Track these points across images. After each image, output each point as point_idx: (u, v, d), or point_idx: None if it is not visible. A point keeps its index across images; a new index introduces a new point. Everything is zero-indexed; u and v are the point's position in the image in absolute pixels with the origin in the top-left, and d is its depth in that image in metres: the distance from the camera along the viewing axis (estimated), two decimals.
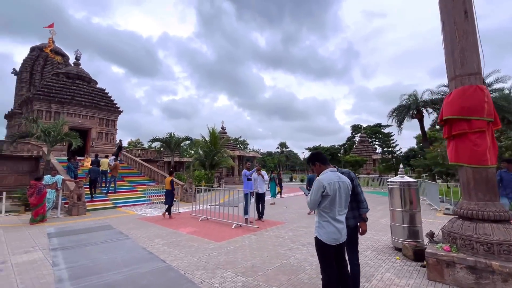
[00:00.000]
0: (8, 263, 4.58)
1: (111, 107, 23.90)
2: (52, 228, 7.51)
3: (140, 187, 14.99)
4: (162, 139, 17.52)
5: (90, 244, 5.71)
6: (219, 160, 21.79)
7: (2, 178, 16.24)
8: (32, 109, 20.14)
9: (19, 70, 35.60)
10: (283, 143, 71.72)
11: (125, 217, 9.39)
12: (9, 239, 6.35)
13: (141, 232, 6.83)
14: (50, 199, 9.19)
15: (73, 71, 23.52)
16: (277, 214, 9.59)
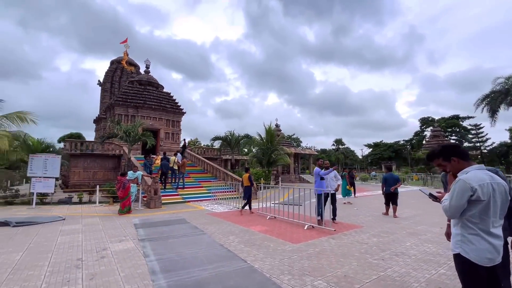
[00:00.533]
0: (108, 250, 5.04)
1: (176, 109, 25.92)
2: (136, 219, 8.26)
3: (205, 183, 15.75)
4: (222, 138, 18.19)
5: (171, 237, 5.98)
6: (276, 157, 21.59)
7: (94, 173, 19.06)
8: (114, 114, 23.16)
9: (102, 81, 41.71)
10: (339, 140, 67.99)
11: (195, 212, 9.83)
12: (105, 227, 7.15)
13: (214, 228, 6.94)
14: (133, 193, 10.21)
15: (144, 79, 26.25)
16: (349, 215, 8.78)
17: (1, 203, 11.85)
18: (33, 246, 5.34)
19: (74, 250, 5.09)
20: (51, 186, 11.67)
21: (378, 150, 67.24)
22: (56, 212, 9.83)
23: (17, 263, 4.38)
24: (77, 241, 5.75)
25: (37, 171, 11.74)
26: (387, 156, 64.65)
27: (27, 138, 13.84)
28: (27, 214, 9.35)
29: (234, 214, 9.24)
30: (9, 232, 6.59)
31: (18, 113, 14.58)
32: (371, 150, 70.90)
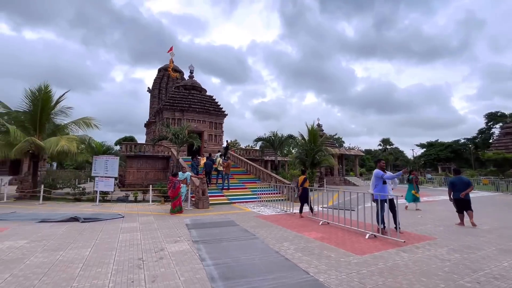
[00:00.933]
0: (165, 251, 5.07)
1: (218, 111, 26.61)
2: (187, 219, 8.40)
3: (248, 185, 15.69)
4: (265, 138, 18.01)
5: (224, 240, 5.85)
6: (320, 158, 20.64)
7: (146, 173, 20.44)
8: (163, 118, 24.65)
9: (151, 88, 45.08)
10: (387, 140, 63.18)
11: (242, 213, 9.70)
12: (160, 226, 7.37)
13: (266, 232, 6.64)
14: (183, 193, 10.51)
15: (189, 83, 27.50)
16: (414, 224, 7.74)
17: (71, 199, 13.28)
18: (99, 243, 5.66)
19: (135, 249, 5.23)
20: (111, 185, 12.70)
21: (433, 151, 60.73)
22: (116, 209, 10.59)
23: (86, 258, 4.62)
24: (136, 239, 5.96)
25: (99, 171, 12.88)
26: (444, 156, 58.04)
27: (91, 141, 15.40)
28: (92, 210, 10.23)
29: (283, 217, 8.86)
30: (78, 228, 7.17)
31: (83, 119, 16.30)
32: (425, 150, 64.33)
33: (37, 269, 4.13)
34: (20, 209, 10.39)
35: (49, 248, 5.24)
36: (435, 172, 46.78)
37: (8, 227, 7.15)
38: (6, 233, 6.50)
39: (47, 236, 6.25)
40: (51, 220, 8.03)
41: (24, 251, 5.04)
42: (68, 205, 11.88)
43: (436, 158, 58.38)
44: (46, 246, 5.41)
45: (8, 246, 5.40)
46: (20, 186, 13.95)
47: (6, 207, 10.95)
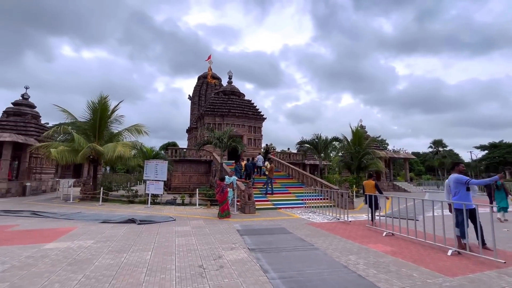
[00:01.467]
0: (223, 259, 4.85)
1: (257, 115, 26.61)
2: (237, 224, 8.21)
3: (292, 189, 15.15)
4: (309, 141, 17.37)
5: (282, 249, 5.45)
6: (367, 162, 19.23)
7: (190, 177, 21.12)
8: (204, 123, 25.41)
9: (191, 96, 47.23)
10: (439, 141, 57.22)
11: (292, 220, 9.22)
12: (211, 231, 7.27)
13: (324, 242, 6.09)
14: (229, 197, 10.42)
15: (228, 89, 28.04)
16: (503, 239, 6.48)
17: (126, 201, 14.14)
18: (157, 246, 5.68)
19: (193, 254, 5.11)
20: (160, 188, 13.24)
21: (497, 153, 53.26)
22: (166, 212, 10.91)
23: (149, 263, 4.60)
24: (192, 244, 5.87)
25: (150, 174, 13.53)
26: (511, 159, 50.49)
27: (142, 147, 16.39)
28: (145, 213, 10.67)
29: (338, 226, 8.18)
30: (136, 230, 7.41)
31: (135, 126, 17.42)
32: (487, 152, 56.73)
33: (106, 271, 4.19)
34: (84, 210, 11.29)
35: (114, 250, 5.39)
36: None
37: (76, 227, 7.70)
38: (75, 232, 6.96)
39: (110, 237, 6.52)
40: (112, 221, 8.49)
41: (92, 252, 5.24)
42: (123, 206, 12.63)
43: (502, 161, 51.06)
44: (111, 247, 5.59)
45: (78, 245, 5.70)
46: (83, 188, 15.35)
47: (72, 207, 12.03)
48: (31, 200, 15.22)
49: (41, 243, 5.84)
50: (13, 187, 17.39)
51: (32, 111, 22.16)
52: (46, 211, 10.57)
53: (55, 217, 9.33)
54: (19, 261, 4.64)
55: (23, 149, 19.22)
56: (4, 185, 16.79)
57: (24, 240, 6.15)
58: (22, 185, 18.20)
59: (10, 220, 8.75)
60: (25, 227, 7.70)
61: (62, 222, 8.51)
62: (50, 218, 9.12)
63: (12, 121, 20.57)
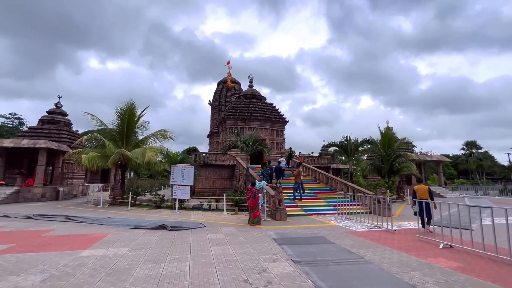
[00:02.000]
0: (268, 273, 4.40)
1: (279, 119, 26.14)
2: (271, 232, 7.73)
3: (321, 195, 14.44)
4: (337, 144, 16.61)
5: (330, 262, 4.91)
6: (400, 166, 18.05)
7: (213, 182, 20.98)
8: (226, 127, 25.33)
9: (212, 101, 47.77)
10: (472, 142, 53.47)
11: (329, 228, 8.60)
12: (246, 240, 6.85)
13: (375, 255, 5.46)
14: (260, 203, 9.99)
15: (249, 92, 27.86)
16: None
17: (153, 206, 14.15)
18: (194, 256, 5.35)
19: (233, 266, 4.70)
20: (187, 193, 13.08)
21: None
22: (195, 217, 10.68)
23: (190, 275, 4.24)
24: (229, 254, 5.48)
25: (177, 179, 13.45)
26: None
27: (169, 152, 16.47)
28: (174, 218, 10.49)
29: (382, 235, 7.46)
30: (169, 236, 7.16)
31: (161, 131, 17.57)
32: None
33: (146, 284, 3.89)
34: (114, 214, 11.35)
35: (150, 259, 5.11)
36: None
37: (109, 232, 7.60)
38: (109, 239, 6.83)
39: (144, 244, 6.30)
40: (143, 227, 8.34)
41: (129, 261, 4.99)
42: (151, 211, 12.60)
43: None
44: (147, 256, 5.33)
45: (114, 253, 5.50)
46: (111, 193, 15.62)
47: (103, 212, 12.17)
48: (64, 205, 15.71)
49: (77, 250, 5.72)
50: (47, 192, 18.12)
51: (64, 119, 23.23)
52: (79, 215, 10.72)
53: (87, 222, 9.38)
54: (58, 270, 4.48)
55: (56, 155, 20.07)
56: (40, 190, 17.53)
57: (60, 246, 6.08)
58: (56, 189, 18.94)
59: (46, 225, 8.88)
60: (60, 232, 7.73)
61: (95, 227, 8.50)
62: (83, 223, 9.17)
63: (47, 128, 21.64)
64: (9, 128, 49.49)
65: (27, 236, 7.19)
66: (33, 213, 11.36)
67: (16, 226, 8.56)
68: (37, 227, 8.43)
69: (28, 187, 17.48)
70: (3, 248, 5.90)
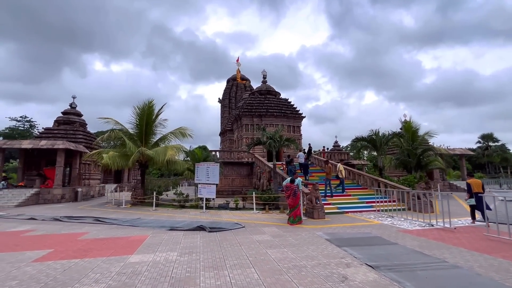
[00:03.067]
0: (352, 280, 3.84)
1: (295, 114, 25.50)
2: (320, 232, 7.19)
3: (350, 191, 13.81)
4: (366, 138, 15.94)
5: (413, 267, 4.32)
6: (428, 160, 17.28)
7: (232, 180, 20.52)
8: (241, 124, 24.82)
9: (221, 99, 47.26)
10: (489, 135, 51.92)
11: (376, 226, 8.00)
12: (298, 241, 6.31)
13: (456, 258, 4.85)
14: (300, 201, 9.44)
15: (263, 88, 27.27)
16: None
17: (177, 206, 13.74)
18: (255, 261, 4.83)
19: (307, 273, 4.16)
20: (213, 192, 12.61)
21: None
22: (226, 217, 10.20)
23: (265, 286, 3.72)
24: (292, 258, 4.95)
25: (201, 178, 13.00)
26: None
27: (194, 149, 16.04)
28: (205, 218, 10.03)
29: (443, 234, 6.83)
30: (212, 238, 6.67)
31: (180, 129, 17.13)
32: None
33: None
34: (141, 215, 10.94)
35: (208, 265, 4.61)
36: None
37: (147, 235, 7.16)
38: (150, 242, 6.37)
39: (191, 248, 5.81)
40: (179, 228, 7.88)
41: (186, 267, 4.50)
42: (178, 211, 12.17)
43: None
44: (202, 261, 4.84)
45: (164, 259, 5.02)
46: (133, 193, 15.28)
47: (129, 213, 11.78)
48: (85, 205, 15.44)
49: (123, 255, 5.27)
50: (67, 193, 17.91)
51: (79, 119, 23.04)
52: (106, 217, 10.34)
53: (118, 223, 8.98)
54: (113, 279, 4.01)
55: (73, 156, 19.84)
56: (59, 191, 17.31)
57: (103, 251, 5.64)
58: (75, 190, 18.73)
59: (76, 227, 8.50)
60: (95, 235, 7.31)
61: (129, 229, 8.07)
62: (114, 225, 8.77)
63: (63, 129, 21.47)
64: (21, 131, 49.97)
65: (63, 240, 6.79)
66: (58, 214, 11.04)
67: (46, 229, 8.19)
68: (68, 230, 8.05)
69: (48, 189, 17.28)
70: (43, 253, 5.48)
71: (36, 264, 4.81)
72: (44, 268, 4.55)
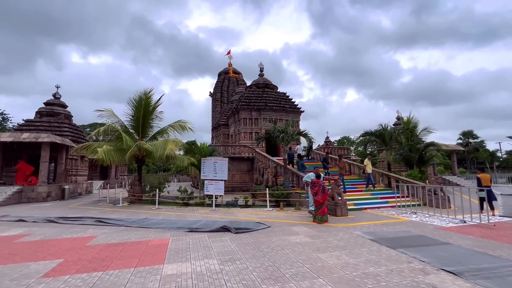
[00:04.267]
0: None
1: (294, 109, 24.99)
2: (358, 232, 6.67)
3: (361, 187, 13.51)
4: (374, 133, 15.67)
5: (503, 274, 3.88)
6: (430, 155, 17.38)
7: (232, 176, 19.71)
8: (239, 118, 23.97)
9: (213, 92, 45.89)
10: (469, 132, 54.12)
11: (407, 223, 7.62)
12: (343, 243, 5.74)
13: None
14: None
15: (261, 82, 26.48)
16: None
17: (180, 204, 12.82)
18: (314, 268, 4.19)
19: (388, 284, 3.59)
20: (221, 188, 11.84)
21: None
22: (242, 216, 9.49)
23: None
24: (354, 264, 4.36)
25: (208, 174, 12.17)
26: None
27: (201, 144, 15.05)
28: (219, 217, 9.27)
29: (486, 231, 6.53)
30: (245, 241, 5.96)
31: (179, 122, 16.03)
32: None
33: None
34: (146, 214, 9.99)
35: (265, 276, 3.92)
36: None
37: (166, 238, 6.33)
38: (175, 247, 5.56)
39: (228, 253, 5.08)
40: (200, 229, 7.09)
41: (240, 280, 3.78)
42: (184, 210, 11.29)
43: None
44: (254, 271, 4.13)
45: (206, 268, 4.27)
46: (131, 190, 14.14)
47: (131, 212, 10.76)
48: (76, 204, 14.13)
49: (154, 265, 4.46)
50: (53, 191, 16.39)
51: (64, 111, 21.25)
52: (108, 217, 9.30)
53: (125, 224, 8.02)
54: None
55: (58, 150, 18.24)
56: (45, 189, 15.79)
57: (125, 260, 4.78)
58: (61, 188, 17.21)
59: (77, 230, 7.48)
60: (105, 239, 6.38)
61: (142, 231, 7.17)
62: (121, 227, 7.81)
63: (46, 121, 19.67)
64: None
65: (69, 246, 5.82)
66: (49, 215, 9.85)
67: (43, 233, 7.12)
68: (70, 234, 7.03)
69: (31, 186, 15.70)
70: (52, 265, 4.55)
71: (49, 280, 3.91)
72: (63, 287, 3.67)
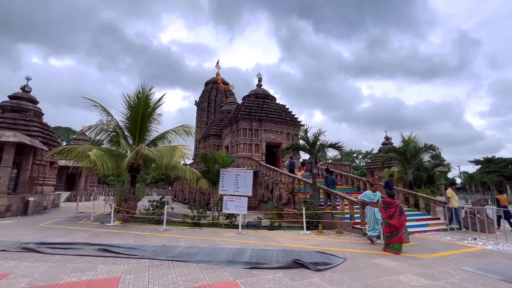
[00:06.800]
0: None
1: (294, 122, 24.09)
2: (465, 266, 5.39)
3: None
4: (397, 149, 15.08)
5: None
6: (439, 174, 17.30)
7: None
8: (238, 128, 22.35)
9: (199, 101, 43.72)
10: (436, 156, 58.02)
11: (488, 252, 6.58)
12: (460, 280, 4.40)
13: None
14: (379, 220, 7.60)
15: (260, 92, 25.37)
16: None
17: (190, 223, 10.65)
18: None
19: None
20: (244, 206, 9.97)
21: (493, 167, 55.07)
22: (283, 242, 7.78)
23: None
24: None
25: (228, 188, 10.32)
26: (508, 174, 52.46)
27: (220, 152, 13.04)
28: (254, 243, 7.45)
29: None
30: (343, 285, 4.34)
31: (183, 126, 14.03)
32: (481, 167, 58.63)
33: None
34: (157, 238, 7.78)
35: None
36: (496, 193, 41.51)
37: (231, 281, 4.43)
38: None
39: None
40: (266, 265, 5.24)
41: None
42: (202, 231, 9.20)
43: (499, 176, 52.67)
44: None
45: None
46: (124, 205, 11.55)
47: (135, 235, 8.39)
48: (46, 222, 11.15)
49: None
50: (13, 204, 13.03)
51: (34, 107, 17.85)
52: (111, 243, 6.97)
53: (146, 256, 5.86)
54: None
55: (24, 154, 14.92)
56: (5, 201, 12.44)
57: None
58: (24, 200, 13.84)
59: (81, 266, 5.20)
60: (140, 286, 4.31)
61: (181, 269, 5.13)
62: (143, 259, 5.66)
63: (10, 118, 16.20)
64: None
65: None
66: (21, 239, 7.20)
67: (30, 273, 4.74)
68: (74, 274, 4.77)
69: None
70: None
71: None
72: None
